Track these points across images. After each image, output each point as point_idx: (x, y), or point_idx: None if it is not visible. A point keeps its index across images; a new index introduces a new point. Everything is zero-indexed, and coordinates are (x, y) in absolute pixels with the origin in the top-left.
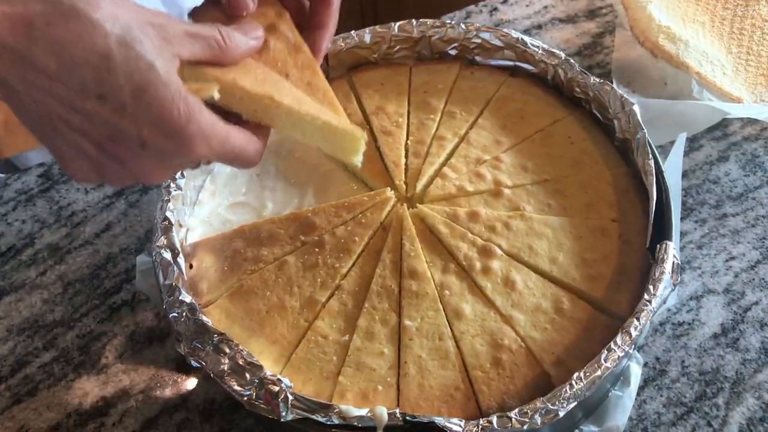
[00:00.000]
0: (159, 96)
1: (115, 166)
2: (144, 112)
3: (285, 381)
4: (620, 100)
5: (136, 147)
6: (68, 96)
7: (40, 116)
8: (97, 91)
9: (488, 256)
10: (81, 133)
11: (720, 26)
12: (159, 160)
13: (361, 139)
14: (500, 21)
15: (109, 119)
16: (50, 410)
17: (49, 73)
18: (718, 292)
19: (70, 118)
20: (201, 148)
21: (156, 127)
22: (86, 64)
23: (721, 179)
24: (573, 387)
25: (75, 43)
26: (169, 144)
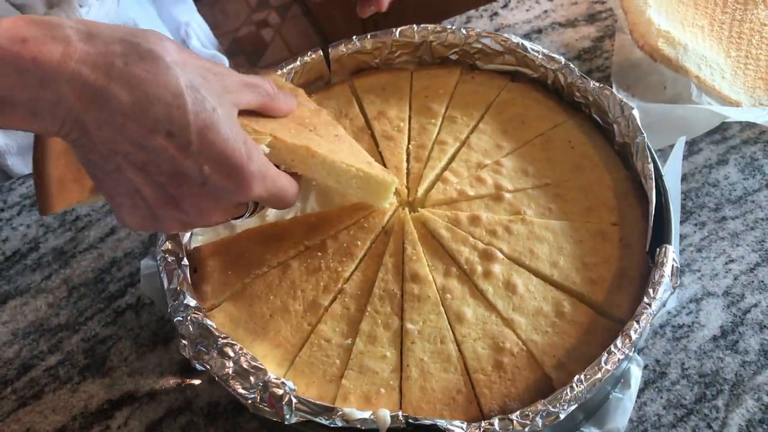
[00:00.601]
0: (222, 135)
1: (171, 209)
2: (207, 150)
3: (289, 384)
4: (620, 104)
5: (196, 186)
6: (138, 133)
7: (106, 157)
8: (167, 128)
9: (489, 260)
10: (143, 173)
11: (719, 30)
12: (216, 199)
13: (393, 185)
14: (500, 25)
15: (175, 157)
16: (56, 413)
17: (124, 111)
18: (718, 295)
19: (135, 158)
20: (258, 188)
21: (218, 165)
22: (159, 102)
23: (720, 182)
24: (574, 389)
25: (151, 82)
26: (228, 182)
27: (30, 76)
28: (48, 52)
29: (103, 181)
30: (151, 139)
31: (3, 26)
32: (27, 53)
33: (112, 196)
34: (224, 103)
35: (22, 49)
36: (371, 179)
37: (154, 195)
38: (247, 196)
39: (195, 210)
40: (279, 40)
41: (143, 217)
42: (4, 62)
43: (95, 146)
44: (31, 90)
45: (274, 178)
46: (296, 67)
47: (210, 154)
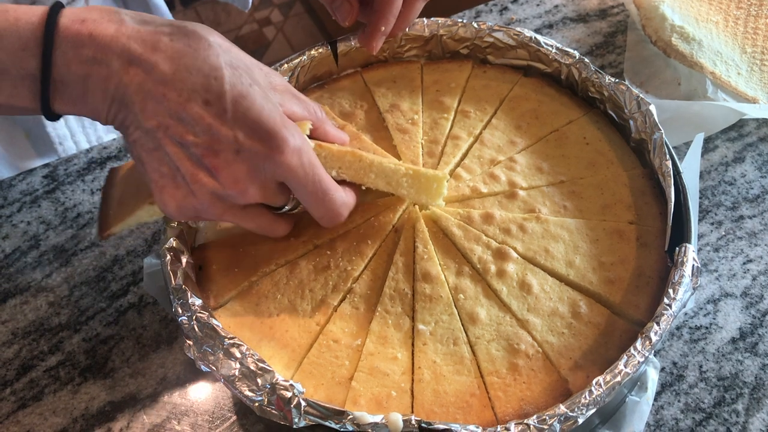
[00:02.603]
0: (257, 104)
1: (207, 180)
2: (242, 117)
3: (297, 386)
4: (636, 99)
5: (231, 152)
6: (177, 102)
7: (149, 134)
8: (204, 97)
9: (503, 259)
10: (182, 147)
11: (734, 26)
12: (251, 168)
13: (444, 179)
14: (510, 20)
15: (211, 125)
16: (56, 415)
17: (165, 79)
18: (736, 296)
19: (174, 131)
20: (292, 157)
21: (252, 131)
22: (198, 72)
23: (737, 180)
24: (593, 393)
25: (192, 55)
26: (261, 147)
27: (85, 50)
28: (103, 29)
29: (147, 163)
30: (188, 107)
31: (68, 10)
32: (85, 30)
33: (156, 179)
34: (263, 85)
35: (81, 27)
36: (422, 176)
37: (192, 168)
38: (280, 164)
39: (230, 180)
40: (281, 38)
41: (184, 197)
42: (65, 39)
43: (139, 122)
44: (85, 65)
45: (313, 161)
46: (303, 61)
47: (245, 121)
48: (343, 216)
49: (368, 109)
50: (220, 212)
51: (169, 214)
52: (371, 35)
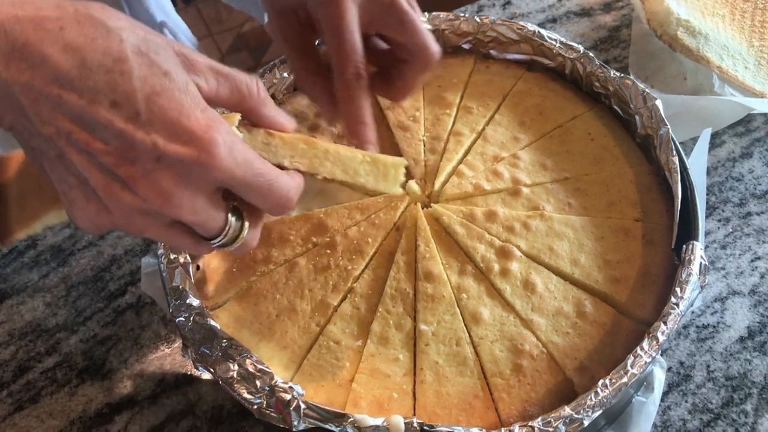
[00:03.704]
0: (175, 100)
1: (124, 196)
2: (159, 118)
3: (297, 388)
4: (642, 94)
5: (150, 161)
6: (79, 105)
7: (48, 140)
8: (111, 98)
9: (507, 258)
10: (88, 155)
11: (740, 19)
12: (177, 176)
13: (402, 164)
14: (514, 15)
15: (122, 130)
16: (53, 417)
17: (60, 79)
18: (744, 294)
19: (78, 137)
20: (224, 159)
21: (172, 134)
22: (100, 68)
23: (744, 176)
24: (598, 394)
25: (89, 46)
26: (187, 151)
27: None
28: None
29: (51, 173)
30: (93, 111)
31: None
32: None
33: (64, 191)
34: (179, 73)
35: None
36: (380, 162)
37: (103, 181)
38: (212, 168)
39: (152, 192)
40: None
41: (98, 212)
42: None
43: (34, 127)
44: None
45: (247, 156)
46: None
47: (163, 122)
48: (293, 201)
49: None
50: (141, 228)
51: (84, 229)
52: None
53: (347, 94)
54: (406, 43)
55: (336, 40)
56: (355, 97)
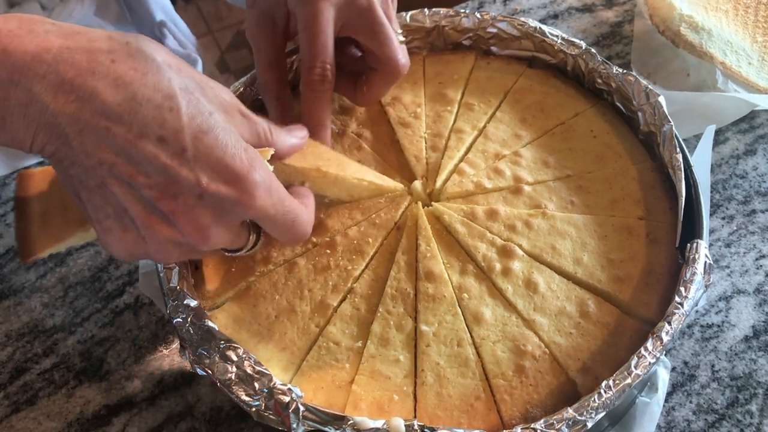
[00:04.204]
0: (221, 141)
1: (164, 229)
2: (204, 156)
3: (296, 390)
4: (645, 91)
5: (192, 197)
6: (125, 139)
7: (89, 170)
8: (159, 133)
9: (508, 257)
10: (131, 188)
11: (744, 15)
12: (216, 213)
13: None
14: (515, 11)
15: (167, 166)
16: (50, 419)
17: (109, 112)
18: (749, 293)
19: (122, 170)
20: (263, 199)
21: (216, 173)
22: (149, 103)
23: (748, 174)
24: (602, 396)
25: (140, 81)
26: (229, 191)
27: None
28: (21, 44)
29: (88, 202)
30: (140, 145)
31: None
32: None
33: (99, 219)
34: (221, 113)
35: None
36: (383, 190)
37: (143, 213)
38: (251, 208)
39: (192, 227)
40: None
41: (134, 242)
42: None
43: (76, 157)
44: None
45: (282, 194)
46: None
47: (208, 160)
48: (308, 234)
49: None
50: (176, 257)
51: (116, 257)
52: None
53: (310, 94)
54: (376, 53)
55: (308, 37)
56: (317, 99)
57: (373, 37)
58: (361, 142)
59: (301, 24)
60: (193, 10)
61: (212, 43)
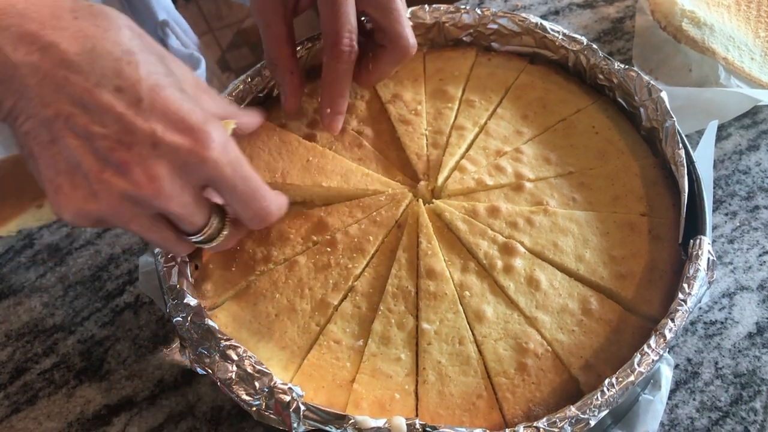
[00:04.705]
0: (177, 97)
1: (116, 179)
2: (160, 107)
3: (296, 390)
4: (647, 86)
5: (147, 147)
6: (82, 88)
7: (45, 123)
8: (116, 83)
9: (510, 254)
10: (85, 140)
11: (746, 10)
12: (170, 164)
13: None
14: (515, 7)
15: (123, 115)
16: (51, 419)
17: (68, 62)
18: (752, 289)
19: (77, 121)
20: (218, 153)
21: (171, 124)
22: (109, 56)
23: (751, 169)
24: (605, 394)
25: (101, 36)
26: (183, 141)
27: None
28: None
29: (40, 158)
30: (96, 94)
31: None
32: None
33: (50, 178)
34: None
35: None
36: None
37: (97, 166)
38: (205, 161)
39: (145, 177)
40: None
41: (85, 199)
42: None
43: (34, 109)
44: None
45: (240, 159)
46: (301, 52)
47: (163, 112)
48: (274, 215)
49: (369, 99)
50: (127, 219)
51: (66, 219)
52: (321, 117)
53: (338, 66)
54: (387, 29)
55: (333, 7)
56: (343, 70)
57: (388, 12)
58: (362, 139)
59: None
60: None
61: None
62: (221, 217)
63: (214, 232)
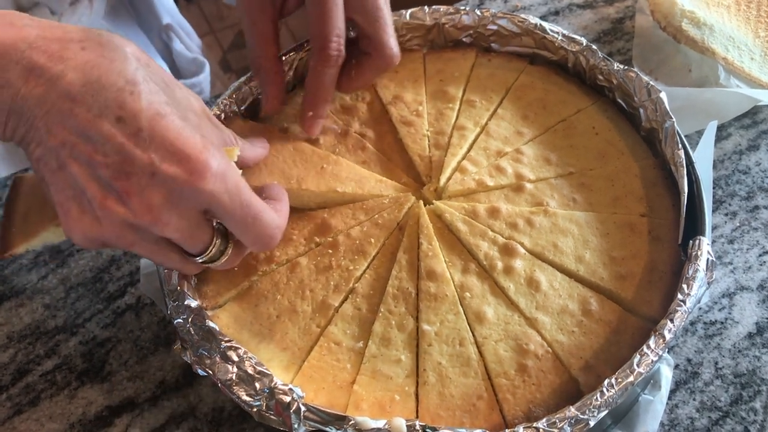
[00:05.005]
0: (176, 125)
1: (116, 206)
2: (159, 138)
3: (297, 390)
4: (646, 87)
5: (145, 176)
6: (85, 119)
7: (52, 152)
8: (117, 114)
9: (510, 255)
10: (88, 168)
11: (746, 9)
12: (168, 194)
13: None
14: (515, 7)
15: (123, 145)
16: (53, 421)
17: (72, 93)
18: (752, 289)
19: (81, 149)
20: (215, 183)
21: (169, 154)
22: (112, 87)
23: (751, 169)
24: (604, 394)
25: (107, 67)
26: (179, 171)
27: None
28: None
29: (51, 184)
30: (98, 125)
31: None
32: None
33: (60, 201)
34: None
35: None
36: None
37: (99, 193)
38: (201, 191)
39: (143, 207)
40: (285, 30)
41: (91, 224)
42: None
43: (42, 138)
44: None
45: (240, 186)
46: (300, 54)
47: (162, 142)
48: (276, 239)
49: (370, 101)
50: (130, 243)
51: (75, 242)
52: (302, 119)
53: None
54: (372, 36)
55: (322, 11)
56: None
57: (374, 19)
58: (365, 142)
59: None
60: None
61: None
62: (224, 238)
63: (216, 252)
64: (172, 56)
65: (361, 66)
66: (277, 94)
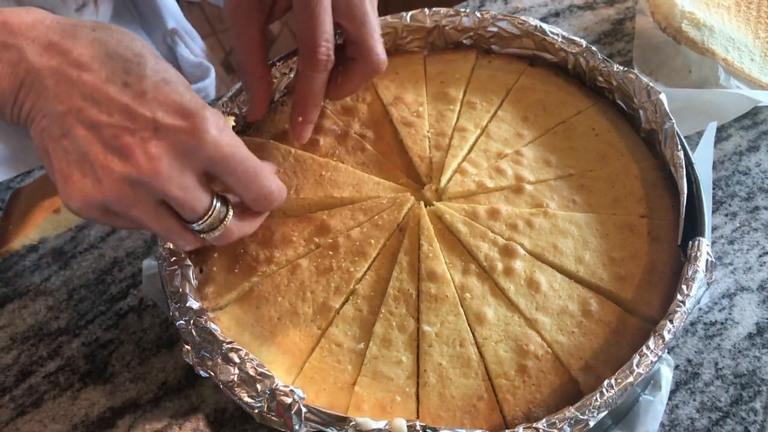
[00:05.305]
0: (179, 90)
1: (119, 165)
2: (162, 98)
3: (298, 392)
4: (646, 88)
5: (148, 132)
6: (93, 84)
7: (57, 119)
8: (124, 79)
9: (510, 256)
10: (93, 130)
11: (746, 10)
12: (170, 146)
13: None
14: (516, 9)
15: (127, 105)
16: (56, 422)
17: (82, 61)
18: (752, 290)
19: (87, 114)
20: (215, 135)
21: (172, 111)
22: (120, 57)
23: (751, 170)
24: (604, 395)
25: (114, 42)
26: (182, 123)
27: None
28: (19, 17)
29: (53, 154)
30: (105, 88)
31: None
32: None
33: (61, 168)
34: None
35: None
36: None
37: (102, 153)
38: (203, 142)
39: (144, 158)
40: (287, 32)
41: (92, 185)
42: None
43: (50, 106)
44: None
45: (237, 140)
46: None
47: (165, 100)
48: (275, 196)
49: (371, 102)
50: (130, 203)
51: (74, 209)
52: (291, 125)
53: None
54: (360, 42)
55: (311, 16)
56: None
57: (361, 25)
58: (364, 143)
59: (301, 4)
60: (197, 12)
61: (216, 44)
62: (224, 202)
63: (216, 218)
64: (177, 61)
65: (348, 72)
66: (263, 98)
